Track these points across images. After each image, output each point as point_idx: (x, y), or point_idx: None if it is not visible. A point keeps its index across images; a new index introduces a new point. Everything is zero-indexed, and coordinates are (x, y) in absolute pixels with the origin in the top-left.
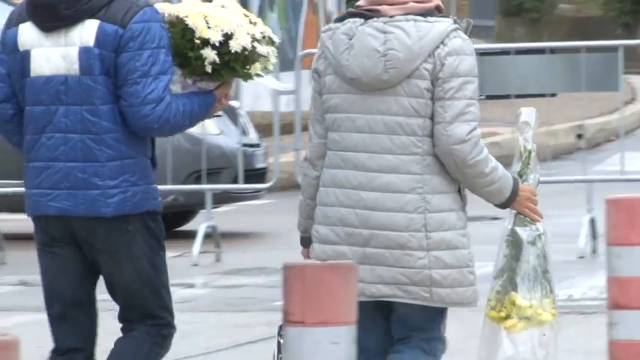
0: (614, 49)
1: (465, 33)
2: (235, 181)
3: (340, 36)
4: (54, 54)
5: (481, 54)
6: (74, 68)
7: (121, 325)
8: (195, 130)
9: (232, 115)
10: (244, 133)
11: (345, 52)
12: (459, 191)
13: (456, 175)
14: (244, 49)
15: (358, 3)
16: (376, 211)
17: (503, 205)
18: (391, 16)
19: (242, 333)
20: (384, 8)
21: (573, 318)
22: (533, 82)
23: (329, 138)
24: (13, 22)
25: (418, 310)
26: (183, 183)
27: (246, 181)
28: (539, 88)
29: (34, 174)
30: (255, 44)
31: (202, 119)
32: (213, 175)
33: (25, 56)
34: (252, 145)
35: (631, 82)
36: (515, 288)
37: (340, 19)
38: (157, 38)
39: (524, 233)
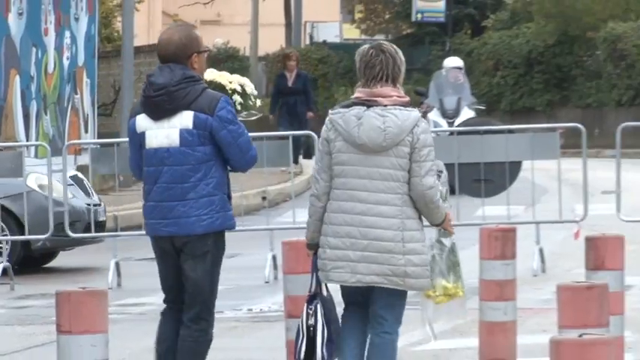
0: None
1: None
2: (87, 230)
3: (351, 117)
4: (160, 134)
5: None
6: (175, 142)
7: (183, 320)
8: (57, 196)
9: (81, 184)
10: (89, 195)
11: (355, 128)
12: (420, 217)
13: (421, 208)
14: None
15: (357, 95)
16: (373, 228)
17: (439, 225)
18: (385, 105)
19: (29, 340)
20: (380, 100)
21: (261, 325)
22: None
23: (337, 181)
24: (132, 115)
25: (392, 292)
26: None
27: (95, 230)
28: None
29: (149, 209)
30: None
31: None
32: (71, 225)
33: (142, 136)
34: (95, 205)
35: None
36: (442, 276)
37: (346, 106)
38: (233, 113)
39: (446, 241)
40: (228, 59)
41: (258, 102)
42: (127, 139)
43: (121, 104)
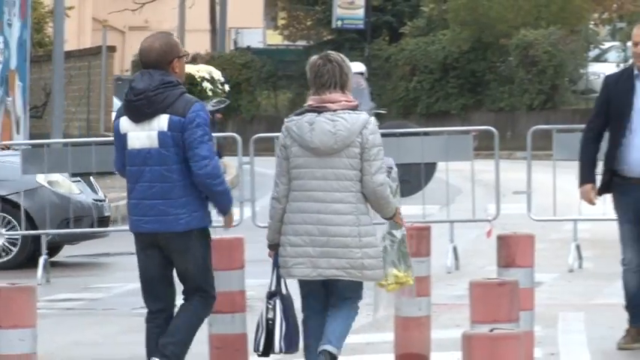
0: None
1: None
2: (92, 226)
3: (304, 123)
4: (141, 135)
5: None
6: (155, 144)
7: (182, 297)
8: (64, 192)
9: (87, 180)
10: (95, 191)
11: (308, 133)
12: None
13: (373, 203)
14: (218, 77)
15: (309, 102)
16: (331, 225)
17: (389, 218)
18: (334, 110)
19: None
20: (330, 105)
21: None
22: None
23: (295, 184)
24: (117, 117)
25: (350, 284)
26: (58, 227)
27: (99, 226)
28: None
29: (132, 206)
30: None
31: (219, 205)
32: (77, 221)
33: (125, 137)
34: (100, 200)
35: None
36: (394, 266)
37: (300, 114)
38: (203, 120)
39: (397, 233)
40: None
41: (227, 87)
42: (57, 140)
43: (51, 107)
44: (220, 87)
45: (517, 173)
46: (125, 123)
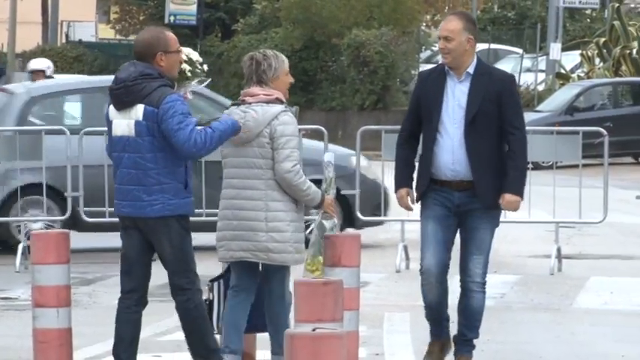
0: None
1: (295, 115)
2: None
3: (227, 115)
4: (122, 123)
5: None
6: (132, 132)
7: (170, 288)
8: None
9: None
10: None
11: None
12: (292, 201)
13: (287, 189)
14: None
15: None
16: (241, 210)
17: (317, 207)
18: (250, 103)
19: None
20: (247, 98)
21: (11, 313)
22: None
23: (224, 172)
24: (108, 105)
25: (270, 269)
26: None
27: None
28: None
29: (115, 190)
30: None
31: (230, 137)
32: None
33: (111, 123)
34: None
35: None
36: (320, 253)
37: (232, 105)
38: (178, 108)
39: (327, 223)
40: None
41: (205, 67)
42: None
43: None
44: (199, 67)
45: None
46: (112, 110)
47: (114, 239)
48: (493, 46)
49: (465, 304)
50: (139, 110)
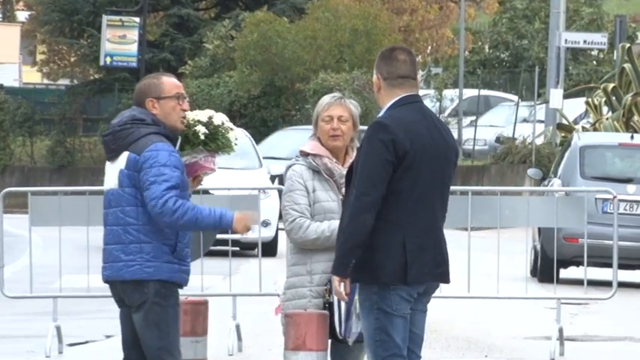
0: None
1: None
2: None
3: None
4: (111, 175)
5: None
6: (116, 183)
7: None
8: None
9: None
10: None
11: None
12: None
13: None
14: (223, 122)
15: None
16: None
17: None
18: None
19: None
20: None
21: None
22: None
23: None
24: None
25: None
26: None
27: None
28: None
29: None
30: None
31: (208, 229)
32: None
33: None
34: None
35: None
36: None
37: None
38: (161, 159)
39: None
40: None
41: (236, 139)
42: None
43: None
44: (222, 138)
45: None
46: (107, 162)
47: None
48: (483, 92)
49: None
50: (122, 158)
